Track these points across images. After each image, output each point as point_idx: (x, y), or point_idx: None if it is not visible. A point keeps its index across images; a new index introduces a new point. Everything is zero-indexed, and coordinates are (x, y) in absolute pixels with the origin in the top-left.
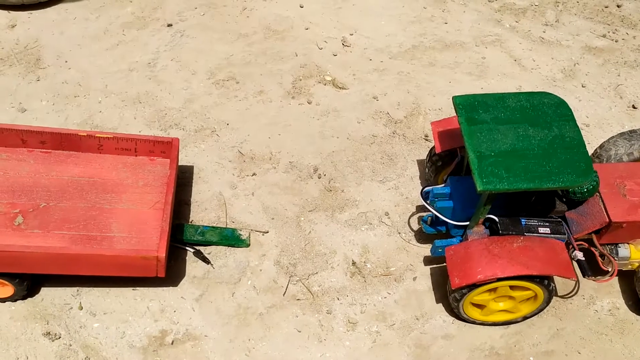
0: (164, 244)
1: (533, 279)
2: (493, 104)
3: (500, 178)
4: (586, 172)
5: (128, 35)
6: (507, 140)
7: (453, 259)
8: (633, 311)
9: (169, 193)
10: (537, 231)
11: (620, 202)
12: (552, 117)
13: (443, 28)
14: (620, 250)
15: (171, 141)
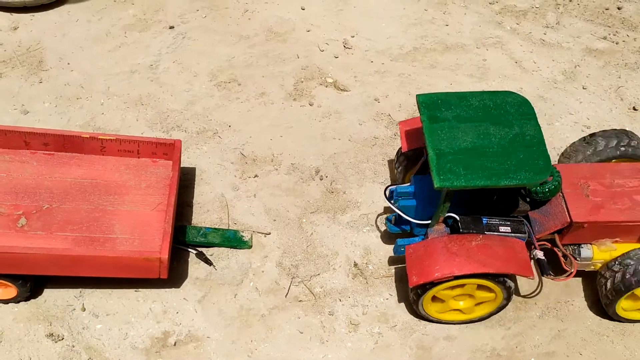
0: (167, 245)
1: (491, 278)
2: (456, 103)
3: (458, 175)
4: (544, 170)
5: (130, 37)
6: (467, 138)
7: (412, 257)
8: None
9: (171, 195)
10: (498, 230)
11: (582, 203)
12: (514, 115)
13: (444, 30)
14: (582, 250)
15: (173, 143)
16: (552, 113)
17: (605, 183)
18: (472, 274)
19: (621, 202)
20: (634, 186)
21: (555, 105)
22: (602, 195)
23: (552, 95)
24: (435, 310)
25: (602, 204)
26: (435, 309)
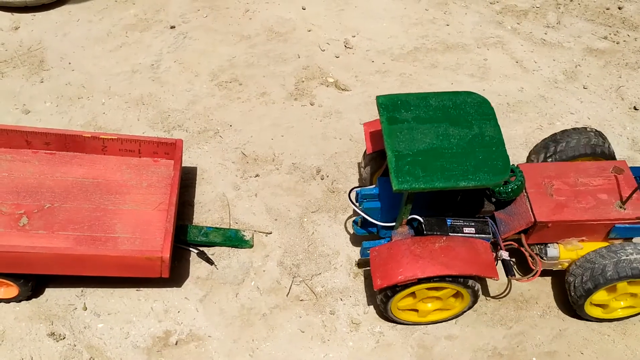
0: (168, 244)
1: (456, 280)
2: (415, 104)
3: (417, 177)
4: (503, 171)
5: (131, 37)
6: (426, 139)
7: (376, 260)
8: None
9: (173, 194)
10: (462, 231)
11: (546, 202)
12: (473, 116)
13: (445, 30)
14: (549, 250)
15: (175, 142)
16: (553, 113)
17: (569, 182)
18: (435, 276)
19: (585, 201)
20: (598, 185)
21: (556, 105)
22: (566, 194)
23: (552, 94)
24: (414, 317)
25: (566, 203)
26: (413, 317)
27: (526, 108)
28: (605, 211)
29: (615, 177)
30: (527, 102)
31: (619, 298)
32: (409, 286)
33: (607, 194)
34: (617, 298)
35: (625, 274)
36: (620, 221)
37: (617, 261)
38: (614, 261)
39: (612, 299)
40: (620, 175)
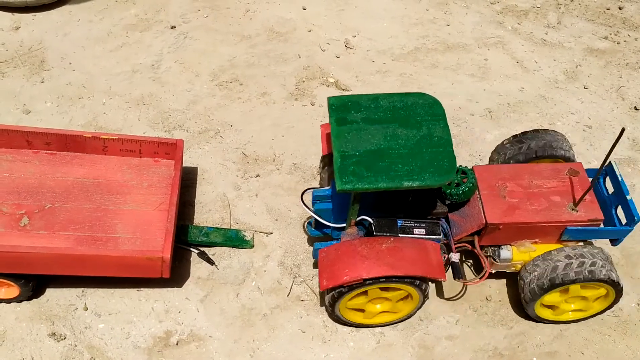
0: (169, 245)
1: (404, 280)
2: (366, 105)
3: (360, 177)
4: (449, 171)
5: (132, 37)
6: (374, 140)
7: (324, 261)
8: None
9: (173, 194)
10: (412, 232)
11: (498, 204)
12: (423, 117)
13: (445, 30)
14: (502, 252)
15: (175, 143)
16: (554, 113)
17: (523, 184)
18: (381, 276)
19: (537, 203)
20: (552, 187)
21: (557, 105)
22: (519, 196)
23: (553, 95)
24: (361, 318)
25: (518, 205)
26: (359, 317)
27: (527, 108)
28: (557, 213)
29: (570, 179)
30: (527, 102)
31: (569, 301)
32: (356, 287)
33: (561, 196)
34: (568, 300)
35: (574, 277)
36: (572, 223)
37: (567, 264)
38: (564, 264)
39: (562, 301)
40: (575, 177)
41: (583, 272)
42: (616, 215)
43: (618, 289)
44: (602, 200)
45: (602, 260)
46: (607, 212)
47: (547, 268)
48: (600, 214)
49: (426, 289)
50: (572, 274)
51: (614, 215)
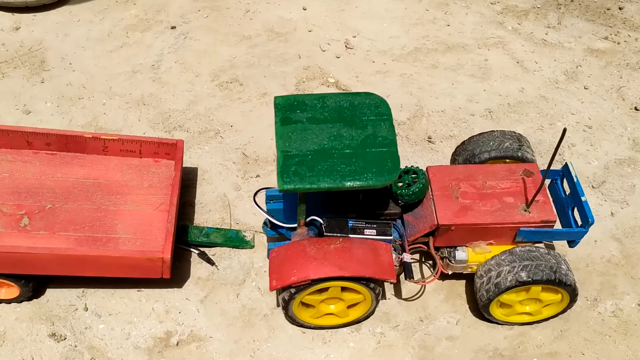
0: (169, 245)
1: (356, 281)
2: (312, 104)
3: (302, 177)
4: (392, 172)
5: (132, 37)
6: (317, 140)
7: (274, 261)
8: (636, 312)
9: (174, 195)
10: (363, 233)
11: (450, 205)
12: (368, 116)
13: (445, 30)
14: (457, 253)
15: (176, 143)
16: (554, 113)
17: (476, 185)
18: (328, 277)
19: (490, 204)
20: (506, 188)
21: (557, 106)
22: (472, 197)
23: (553, 95)
24: (308, 316)
25: (471, 206)
26: (308, 315)
27: (527, 108)
28: (509, 214)
29: (524, 180)
30: (528, 102)
31: (525, 302)
32: (305, 288)
33: (514, 197)
34: (523, 302)
35: (524, 280)
36: (524, 224)
37: (512, 268)
38: (514, 266)
39: (518, 302)
40: (529, 178)
41: (540, 273)
42: (573, 216)
43: (574, 293)
44: (559, 202)
45: (558, 263)
46: (564, 214)
47: (500, 269)
48: (553, 215)
49: (378, 290)
50: (524, 276)
51: (571, 216)
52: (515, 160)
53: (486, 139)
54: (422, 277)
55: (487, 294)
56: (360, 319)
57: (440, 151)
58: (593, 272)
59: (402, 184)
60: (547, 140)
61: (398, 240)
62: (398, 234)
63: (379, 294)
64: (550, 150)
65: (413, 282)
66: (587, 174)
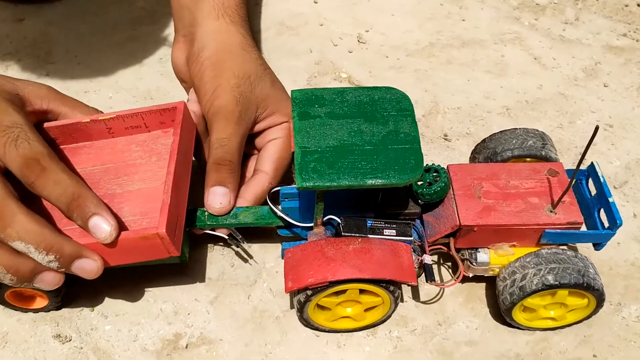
0: (164, 217)
1: (375, 283)
2: (331, 99)
3: (321, 174)
4: (415, 169)
5: (138, 30)
6: (337, 135)
7: (290, 262)
8: None
9: (171, 161)
10: (382, 233)
11: (473, 205)
12: (390, 112)
13: (460, 25)
14: (479, 255)
15: (176, 106)
16: (574, 111)
17: (499, 184)
18: (347, 279)
19: (515, 204)
20: (530, 187)
21: (577, 103)
22: (495, 197)
23: (572, 92)
24: (323, 319)
25: (494, 206)
26: (323, 318)
27: (546, 106)
28: (534, 215)
29: (549, 180)
30: (546, 99)
31: (549, 307)
32: (322, 290)
33: (539, 198)
34: (548, 307)
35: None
36: (550, 226)
37: (538, 270)
38: (540, 269)
39: (542, 307)
40: (554, 177)
41: (567, 277)
42: (599, 218)
43: (602, 298)
44: (585, 203)
45: (585, 267)
46: (589, 215)
47: (524, 273)
48: (579, 217)
49: (397, 293)
50: (551, 279)
51: (597, 218)
52: (538, 159)
53: (508, 137)
54: (441, 279)
55: (511, 297)
56: (377, 323)
57: (457, 149)
58: (617, 275)
59: (422, 183)
60: (567, 139)
61: (417, 241)
62: (417, 234)
63: (398, 297)
64: (571, 149)
65: (434, 285)
66: (609, 174)
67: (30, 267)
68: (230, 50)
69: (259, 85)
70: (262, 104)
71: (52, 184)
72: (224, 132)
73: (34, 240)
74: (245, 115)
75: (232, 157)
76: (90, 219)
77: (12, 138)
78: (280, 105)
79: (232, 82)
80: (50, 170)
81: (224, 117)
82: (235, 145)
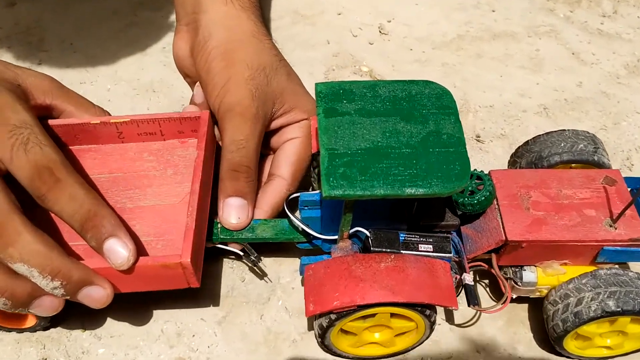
0: (189, 245)
1: (410, 307)
2: (361, 93)
3: (352, 181)
4: (461, 177)
5: (140, 16)
6: (370, 136)
7: (311, 281)
8: None
9: (196, 179)
10: (417, 248)
11: (520, 217)
12: (429, 109)
13: (490, 16)
14: (525, 274)
15: (200, 116)
16: (617, 111)
17: (550, 193)
18: (378, 302)
19: (568, 217)
20: (585, 198)
21: (620, 103)
22: (546, 208)
23: (615, 91)
24: (347, 345)
25: (545, 219)
26: (347, 343)
27: (587, 105)
28: (592, 230)
29: (606, 189)
30: (587, 98)
31: (605, 335)
32: (350, 313)
33: (595, 210)
34: (604, 335)
35: (614, 309)
36: (609, 243)
37: (609, 293)
38: (598, 293)
39: (598, 335)
40: (612, 187)
41: (631, 302)
42: None
43: None
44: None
45: None
46: None
47: (581, 296)
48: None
49: (434, 318)
50: (612, 305)
51: None
52: (590, 165)
53: (556, 139)
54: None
55: (564, 324)
56: (408, 349)
57: (491, 152)
58: None
59: (463, 191)
60: (612, 142)
61: (455, 257)
62: (455, 250)
63: (434, 322)
64: (617, 153)
65: (479, 310)
66: None
67: (27, 291)
68: (241, 38)
69: (274, 77)
70: (278, 99)
71: (66, 199)
72: (240, 132)
73: (39, 264)
74: (263, 112)
75: (250, 162)
76: (106, 242)
77: (21, 141)
78: (298, 100)
79: (246, 74)
80: (66, 183)
81: (238, 114)
82: (253, 148)
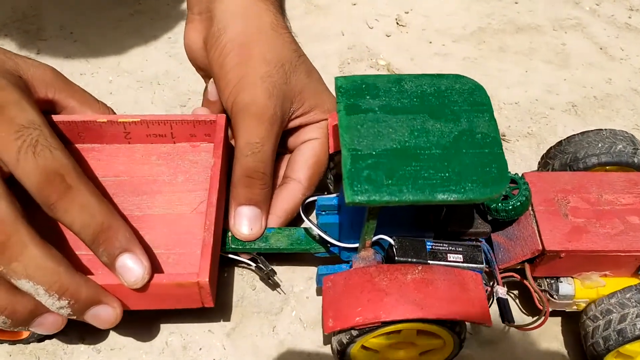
0: (207, 263)
1: (440, 324)
2: (386, 88)
3: (378, 186)
4: (498, 181)
5: (145, 4)
6: (396, 135)
7: (330, 294)
8: None
9: (213, 191)
10: (446, 258)
11: (558, 225)
12: (461, 106)
13: (513, 8)
14: (562, 286)
15: (216, 119)
16: None
17: (590, 199)
18: (405, 319)
19: (611, 225)
20: (628, 204)
21: None
22: (585, 214)
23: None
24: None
25: (585, 226)
26: (363, 354)
27: (617, 103)
28: (637, 239)
29: None
30: (617, 95)
31: None
32: (373, 330)
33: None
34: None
35: None
36: None
37: None
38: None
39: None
40: None
41: None
42: None
43: None
44: None
45: None
46: None
47: (625, 311)
48: None
49: (464, 335)
50: None
51: None
52: (629, 168)
53: (592, 140)
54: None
55: (606, 342)
56: None
57: (517, 152)
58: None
59: None
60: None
61: (486, 268)
62: (485, 259)
63: (464, 339)
64: None
65: (514, 327)
66: None
67: (29, 309)
68: (259, 31)
69: (294, 75)
70: (297, 97)
71: (78, 209)
72: (255, 134)
73: (46, 281)
74: (280, 113)
75: (265, 168)
76: (119, 258)
77: (29, 143)
78: (319, 99)
79: (262, 70)
80: (78, 191)
81: (253, 114)
82: (269, 152)
